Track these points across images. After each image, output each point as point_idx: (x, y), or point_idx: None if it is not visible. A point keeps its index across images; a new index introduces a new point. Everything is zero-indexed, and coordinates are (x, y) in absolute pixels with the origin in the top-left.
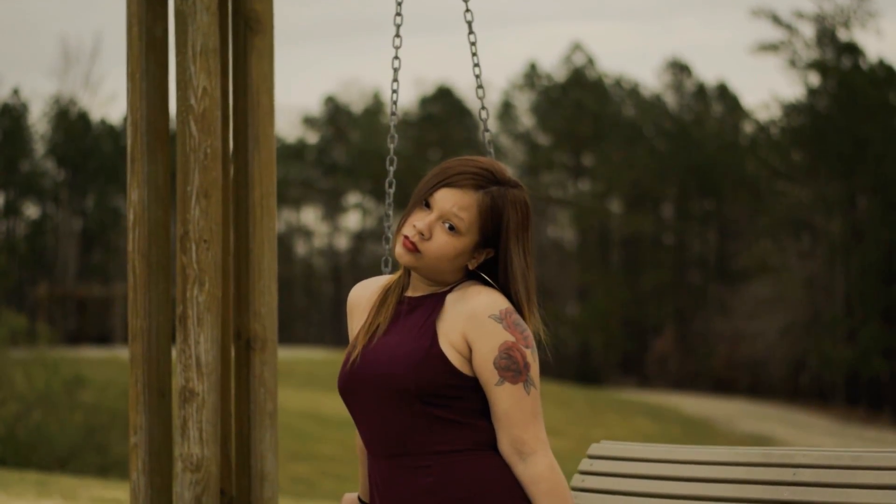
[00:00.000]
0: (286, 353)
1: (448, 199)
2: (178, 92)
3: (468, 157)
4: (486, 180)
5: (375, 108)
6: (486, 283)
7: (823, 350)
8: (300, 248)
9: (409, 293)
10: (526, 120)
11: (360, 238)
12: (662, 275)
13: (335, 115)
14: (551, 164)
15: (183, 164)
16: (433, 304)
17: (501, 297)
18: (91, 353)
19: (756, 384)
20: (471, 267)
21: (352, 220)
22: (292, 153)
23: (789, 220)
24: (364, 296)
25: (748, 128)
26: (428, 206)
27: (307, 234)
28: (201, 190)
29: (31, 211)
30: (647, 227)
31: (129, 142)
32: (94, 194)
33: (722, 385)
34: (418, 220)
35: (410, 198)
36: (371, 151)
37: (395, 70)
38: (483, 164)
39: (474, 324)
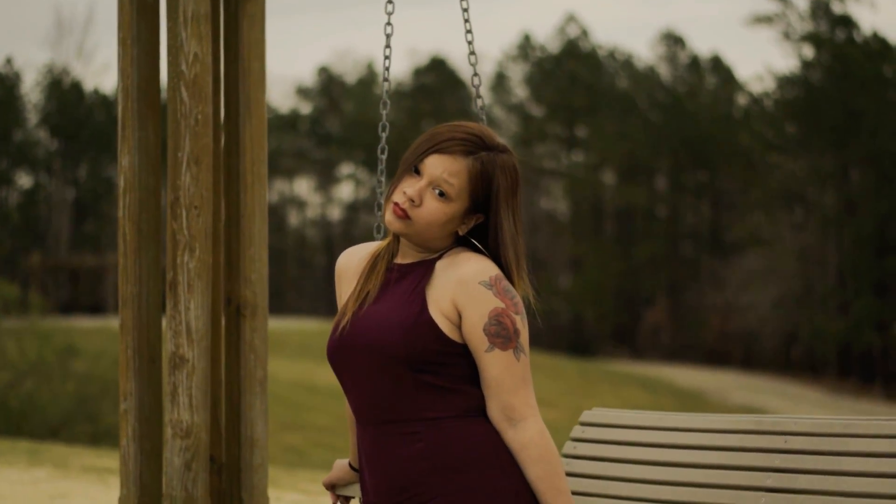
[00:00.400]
0: (279, 324)
1: (438, 166)
2: (169, 58)
3: (457, 123)
4: (475, 146)
5: (369, 79)
6: (475, 250)
7: (816, 322)
8: (293, 218)
9: (399, 260)
10: (519, 91)
11: (353, 209)
12: (655, 247)
13: (329, 86)
14: (545, 136)
15: (174, 131)
16: (423, 271)
17: (491, 263)
18: (83, 323)
19: (748, 356)
20: (461, 233)
21: (345, 191)
22: (285, 123)
23: (782, 192)
24: (353, 262)
25: (742, 100)
26: (418, 172)
27: (300, 204)
28: (192, 156)
29: (24, 180)
30: (641, 199)
31: (119, 108)
32: (87, 164)
33: (714, 357)
34: (408, 187)
35: (399, 165)
36: (364, 122)
37: (388, 36)
38: (472, 130)
39: (464, 290)
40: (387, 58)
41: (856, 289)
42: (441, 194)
